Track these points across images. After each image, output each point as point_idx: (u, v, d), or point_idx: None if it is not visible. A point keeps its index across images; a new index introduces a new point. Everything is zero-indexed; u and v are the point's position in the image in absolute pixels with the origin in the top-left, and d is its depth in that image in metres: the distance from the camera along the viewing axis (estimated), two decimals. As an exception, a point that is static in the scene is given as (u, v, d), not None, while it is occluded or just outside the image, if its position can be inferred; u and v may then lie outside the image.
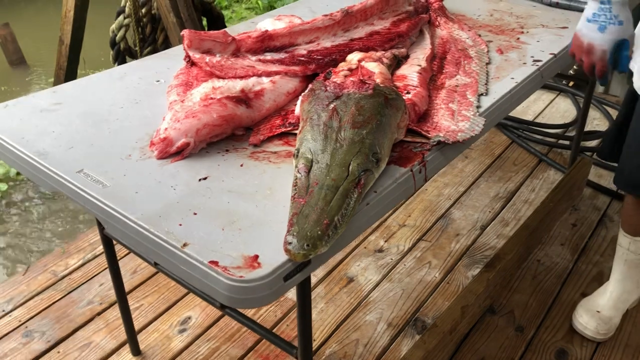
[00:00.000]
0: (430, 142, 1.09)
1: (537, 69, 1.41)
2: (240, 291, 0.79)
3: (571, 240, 2.18)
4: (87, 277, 2.03)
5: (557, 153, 2.72)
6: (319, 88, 1.10)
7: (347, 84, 1.10)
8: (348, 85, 1.09)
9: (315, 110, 1.04)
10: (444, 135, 1.12)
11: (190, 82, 1.28)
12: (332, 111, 1.02)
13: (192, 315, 1.87)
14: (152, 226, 0.89)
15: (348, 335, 1.78)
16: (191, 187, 0.99)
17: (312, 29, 1.40)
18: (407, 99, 1.18)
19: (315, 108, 1.04)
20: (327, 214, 0.85)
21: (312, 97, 1.08)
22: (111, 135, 1.14)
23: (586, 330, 1.75)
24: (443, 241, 2.17)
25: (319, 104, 1.05)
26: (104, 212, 0.95)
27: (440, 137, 1.10)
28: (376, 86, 1.08)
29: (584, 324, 1.75)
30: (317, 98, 1.07)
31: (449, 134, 1.13)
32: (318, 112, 1.03)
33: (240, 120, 1.14)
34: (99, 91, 1.32)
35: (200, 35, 1.33)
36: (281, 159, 1.08)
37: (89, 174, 1.01)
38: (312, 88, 1.12)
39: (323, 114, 1.02)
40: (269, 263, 0.82)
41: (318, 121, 1.01)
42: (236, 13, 6.13)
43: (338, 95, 1.06)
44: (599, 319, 1.73)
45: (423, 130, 1.13)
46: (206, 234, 0.88)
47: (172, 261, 0.87)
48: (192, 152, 1.08)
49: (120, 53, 3.52)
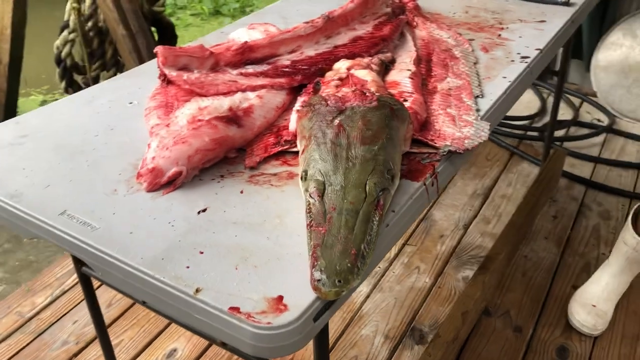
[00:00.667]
0: (440, 153, 1.03)
1: (527, 66, 1.38)
2: (269, 339, 0.71)
3: (554, 232, 2.17)
4: (58, 316, 1.89)
5: (527, 145, 2.72)
6: (318, 103, 1.02)
7: (349, 96, 1.02)
8: (350, 97, 1.02)
9: (319, 127, 0.96)
10: (451, 143, 1.06)
11: (171, 103, 1.17)
12: (338, 127, 0.94)
13: (177, 347, 1.76)
14: (157, 272, 0.79)
15: (345, 353, 1.71)
16: (191, 221, 0.89)
17: (294, 38, 1.32)
18: (408, 107, 1.12)
19: (319, 125, 0.96)
20: (353, 243, 0.77)
21: (313, 113, 1.00)
22: (90, 169, 1.03)
23: (584, 328, 1.73)
24: (428, 244, 2.13)
25: (322, 120, 0.97)
26: (97, 258, 0.85)
27: (450, 146, 1.04)
28: (380, 97, 1.01)
29: (582, 321, 1.73)
30: (319, 114, 0.99)
31: (455, 141, 1.07)
32: (322, 129, 0.95)
33: (233, 141, 1.05)
34: (67, 119, 1.20)
35: (175, 51, 1.23)
36: (283, 181, 1.00)
37: (73, 215, 0.90)
38: (309, 102, 1.04)
39: (328, 131, 0.94)
40: (296, 304, 0.74)
41: (324, 139, 0.93)
42: (181, 20, 5.98)
43: (341, 109, 0.99)
44: (596, 315, 1.72)
45: (428, 139, 1.07)
46: (219, 276, 0.79)
47: (184, 310, 0.77)
48: (184, 181, 0.98)
49: (67, 70, 3.35)
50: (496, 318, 1.82)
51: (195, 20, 5.95)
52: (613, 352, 1.70)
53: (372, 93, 1.04)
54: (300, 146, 1.00)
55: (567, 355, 1.69)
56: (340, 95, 1.03)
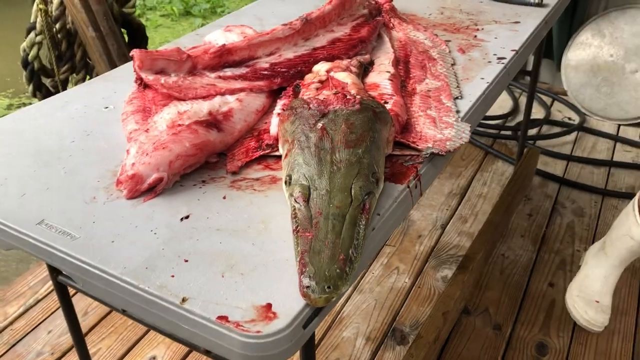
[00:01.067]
0: (423, 155, 1.03)
1: (503, 67, 1.39)
2: (259, 348, 0.70)
3: (530, 230, 2.20)
4: (32, 326, 1.84)
5: (501, 144, 2.75)
6: (300, 106, 1.01)
7: (331, 99, 1.02)
8: (332, 101, 1.01)
9: (302, 130, 0.95)
10: (433, 145, 1.06)
11: (148, 107, 1.15)
12: (321, 131, 0.93)
13: (156, 354, 1.73)
14: (141, 282, 0.77)
15: (327, 355, 1.71)
16: (174, 229, 0.88)
17: (272, 40, 1.31)
18: (389, 109, 1.12)
19: (301, 128, 0.95)
20: (340, 248, 0.77)
21: (295, 117, 0.99)
22: (68, 176, 1.00)
23: (594, 327, 1.75)
24: (407, 244, 2.14)
25: (305, 124, 0.96)
26: (78, 268, 0.82)
27: (432, 148, 1.04)
28: (362, 100, 1.01)
29: (591, 320, 1.74)
30: (301, 117, 0.98)
31: (437, 143, 1.07)
32: (305, 132, 0.94)
33: (214, 146, 1.04)
34: (41, 125, 1.17)
35: (152, 55, 1.20)
36: (266, 185, 0.99)
37: (51, 224, 0.88)
38: (291, 106, 1.03)
39: (311, 134, 0.93)
40: (286, 312, 0.73)
41: (307, 143, 0.92)
42: (151, 21, 5.90)
43: (324, 112, 0.98)
44: (601, 311, 1.73)
45: (410, 142, 1.07)
46: (205, 284, 0.77)
47: (170, 320, 0.76)
48: (165, 187, 0.96)
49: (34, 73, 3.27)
50: (476, 317, 1.83)
51: (165, 21, 5.88)
52: (591, 346, 1.73)
53: (354, 96, 1.04)
54: (282, 150, 0.99)
55: (546, 352, 1.71)
56: (322, 98, 1.03)
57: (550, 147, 2.71)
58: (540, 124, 2.89)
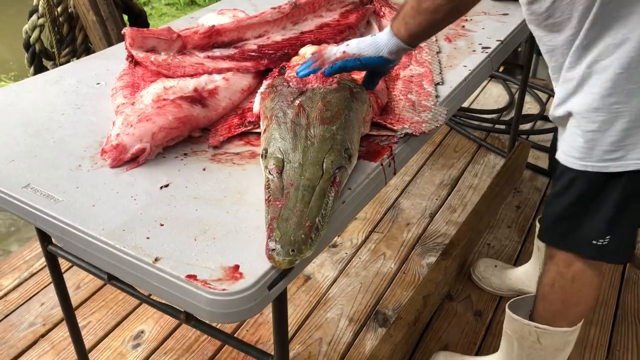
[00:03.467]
0: (398, 135, 1.07)
1: (487, 56, 1.42)
2: (224, 305, 0.74)
3: (517, 222, 2.23)
4: (26, 298, 1.89)
5: (494, 137, 2.78)
6: (280, 84, 1.05)
7: (310, 78, 1.05)
8: (311, 79, 1.05)
9: (280, 107, 0.99)
10: (409, 127, 1.10)
11: (137, 83, 1.20)
12: (298, 107, 0.97)
13: (145, 328, 1.77)
14: (117, 242, 0.82)
15: (311, 334, 1.75)
16: (153, 196, 0.92)
17: (261, 23, 1.35)
18: (368, 91, 1.15)
19: (280, 105, 0.99)
20: (308, 216, 0.81)
21: (275, 94, 1.03)
22: (56, 145, 1.05)
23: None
24: (395, 231, 2.17)
25: (283, 101, 1.00)
26: (59, 229, 0.87)
27: (407, 129, 1.08)
28: (340, 79, 1.05)
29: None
30: (280, 94, 1.02)
31: (413, 125, 1.11)
32: (283, 109, 0.98)
33: (197, 121, 1.08)
34: (34, 98, 1.22)
35: (143, 33, 1.25)
36: (245, 160, 1.03)
37: (37, 188, 0.92)
38: (272, 84, 1.07)
39: (289, 111, 0.97)
40: (252, 272, 0.77)
41: (284, 119, 0.96)
42: (156, 9, 5.94)
43: (302, 90, 1.02)
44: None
45: (387, 122, 1.11)
46: (178, 246, 0.81)
47: (142, 278, 0.80)
48: (148, 158, 1.01)
49: (35, 55, 3.30)
50: (458, 302, 1.87)
51: (170, 9, 5.92)
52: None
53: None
54: (262, 126, 1.03)
55: (524, 338, 1.75)
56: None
57: (543, 142, 2.74)
58: (535, 119, 2.92)
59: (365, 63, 1.09)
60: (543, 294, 1.31)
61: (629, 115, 1.03)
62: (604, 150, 1.07)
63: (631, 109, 1.02)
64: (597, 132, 1.06)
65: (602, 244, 1.17)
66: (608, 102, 1.03)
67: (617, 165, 1.07)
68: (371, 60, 1.09)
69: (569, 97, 1.10)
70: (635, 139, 1.04)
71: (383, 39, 1.09)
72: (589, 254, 1.20)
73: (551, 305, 1.30)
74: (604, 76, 1.02)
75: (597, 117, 1.05)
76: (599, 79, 1.03)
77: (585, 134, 1.08)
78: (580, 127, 1.08)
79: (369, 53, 1.08)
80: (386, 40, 1.08)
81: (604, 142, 1.06)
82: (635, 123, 1.03)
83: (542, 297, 1.31)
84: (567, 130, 1.13)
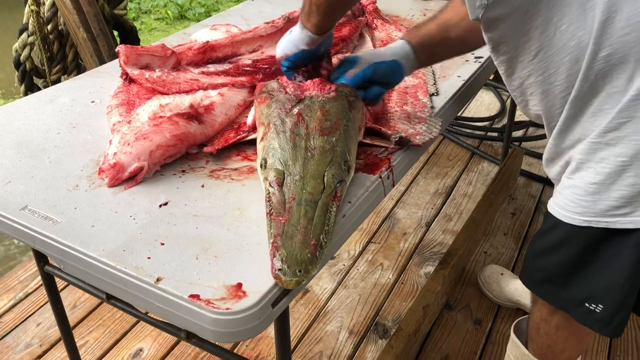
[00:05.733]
0: (392, 139, 1.06)
1: (480, 66, 1.43)
2: (228, 324, 0.73)
3: (513, 229, 2.24)
4: (22, 318, 1.87)
5: (487, 145, 2.80)
6: (277, 90, 1.04)
7: (307, 85, 1.05)
8: (308, 86, 1.05)
9: (278, 115, 0.98)
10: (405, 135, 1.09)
11: (132, 101, 1.19)
12: (297, 117, 0.97)
13: (143, 346, 1.76)
14: (118, 262, 0.81)
15: (311, 348, 1.74)
16: (152, 215, 0.91)
17: (255, 38, 1.35)
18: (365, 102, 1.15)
19: (278, 112, 0.99)
20: (312, 233, 0.80)
21: (271, 100, 1.02)
22: (52, 165, 1.04)
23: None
24: (392, 241, 2.17)
25: (281, 108, 0.99)
26: (59, 251, 0.86)
27: (401, 134, 1.07)
28: (338, 87, 1.04)
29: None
30: (278, 101, 1.01)
31: (408, 136, 1.11)
32: (281, 117, 0.98)
33: (194, 137, 1.08)
34: (28, 117, 1.21)
35: (137, 50, 1.25)
36: (243, 175, 1.02)
37: (35, 210, 0.91)
38: (268, 90, 1.06)
39: (287, 119, 0.97)
40: (255, 290, 0.76)
41: (283, 127, 0.96)
42: (145, 24, 5.94)
43: (300, 98, 1.02)
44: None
45: (378, 128, 1.10)
46: (179, 266, 0.81)
47: (144, 298, 0.79)
48: (146, 176, 1.00)
49: (26, 73, 3.30)
50: (457, 312, 1.87)
51: (160, 24, 5.92)
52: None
53: (330, 83, 1.07)
54: (259, 133, 1.01)
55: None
56: (299, 83, 1.06)
57: (536, 148, 2.75)
58: (527, 126, 2.93)
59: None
60: (531, 335, 1.26)
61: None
62: (610, 206, 0.96)
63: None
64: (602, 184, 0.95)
65: (593, 309, 1.05)
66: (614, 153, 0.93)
67: (626, 221, 0.95)
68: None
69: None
70: None
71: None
72: (579, 317, 1.08)
73: (539, 348, 1.25)
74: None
75: (603, 168, 0.95)
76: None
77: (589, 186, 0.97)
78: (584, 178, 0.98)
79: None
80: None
81: (610, 197, 0.95)
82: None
83: (531, 339, 1.27)
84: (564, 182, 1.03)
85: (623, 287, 1.00)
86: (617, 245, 0.99)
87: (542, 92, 1.00)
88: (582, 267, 1.05)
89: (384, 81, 1.13)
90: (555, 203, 1.05)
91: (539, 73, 0.98)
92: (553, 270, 1.10)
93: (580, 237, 1.02)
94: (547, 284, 1.12)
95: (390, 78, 1.14)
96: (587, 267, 1.04)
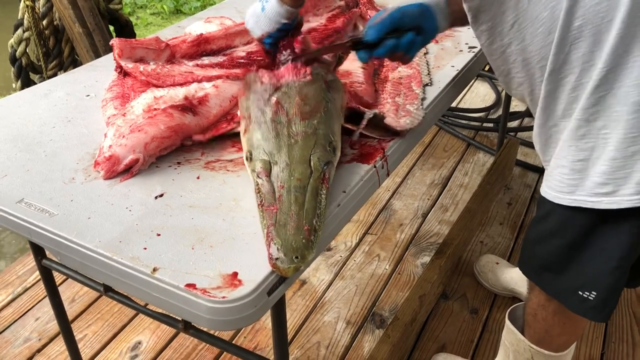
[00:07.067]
0: (366, 116, 1.05)
1: (474, 55, 1.43)
2: (224, 312, 0.74)
3: (509, 218, 2.25)
4: (20, 313, 1.87)
5: (483, 136, 2.80)
6: (254, 81, 1.04)
7: (282, 71, 1.05)
8: (283, 73, 1.04)
9: (257, 106, 0.98)
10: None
11: (127, 94, 1.20)
12: (276, 105, 0.96)
13: (142, 339, 1.77)
14: (115, 253, 0.82)
15: (309, 339, 1.75)
16: (148, 206, 0.92)
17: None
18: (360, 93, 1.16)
19: (257, 104, 0.98)
20: (305, 219, 0.81)
21: (249, 92, 1.02)
22: (48, 159, 1.04)
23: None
24: (388, 232, 2.18)
25: (259, 99, 0.99)
26: (56, 242, 0.86)
27: (375, 111, 1.05)
28: (313, 69, 1.04)
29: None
30: (255, 92, 1.01)
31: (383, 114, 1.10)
32: (261, 107, 0.97)
33: (189, 129, 1.08)
34: (23, 112, 1.21)
35: (132, 44, 1.25)
36: (239, 166, 1.03)
37: (31, 203, 0.92)
38: (246, 82, 1.06)
39: (267, 109, 0.97)
40: (251, 279, 0.77)
41: (263, 117, 0.96)
42: (141, 19, 5.92)
43: (277, 86, 1.01)
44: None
45: (355, 106, 1.09)
46: (176, 256, 0.81)
47: (141, 288, 0.80)
48: (141, 168, 1.01)
49: (22, 69, 3.29)
50: (453, 301, 1.88)
51: (156, 19, 5.90)
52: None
53: (304, 66, 1.06)
54: (242, 126, 1.02)
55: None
56: (274, 70, 1.06)
57: (531, 138, 2.75)
58: (522, 116, 2.94)
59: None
60: (528, 321, 1.27)
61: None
62: (595, 182, 0.95)
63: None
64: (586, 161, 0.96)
65: (587, 296, 1.05)
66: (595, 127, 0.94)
67: (610, 201, 0.95)
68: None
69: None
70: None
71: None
72: (573, 306, 1.09)
73: (536, 334, 1.26)
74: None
75: (585, 144, 0.95)
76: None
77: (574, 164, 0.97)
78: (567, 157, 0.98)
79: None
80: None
81: (594, 172, 0.95)
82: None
83: (527, 325, 1.28)
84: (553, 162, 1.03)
85: (615, 271, 1.01)
86: (610, 230, 0.99)
87: (522, 60, 1.02)
88: (577, 253, 1.05)
89: (416, 27, 1.09)
90: (547, 185, 1.06)
91: (517, 42, 1.00)
92: (549, 258, 1.11)
93: (575, 223, 1.03)
94: (545, 271, 1.13)
95: (422, 23, 1.10)
96: (582, 254, 1.05)
